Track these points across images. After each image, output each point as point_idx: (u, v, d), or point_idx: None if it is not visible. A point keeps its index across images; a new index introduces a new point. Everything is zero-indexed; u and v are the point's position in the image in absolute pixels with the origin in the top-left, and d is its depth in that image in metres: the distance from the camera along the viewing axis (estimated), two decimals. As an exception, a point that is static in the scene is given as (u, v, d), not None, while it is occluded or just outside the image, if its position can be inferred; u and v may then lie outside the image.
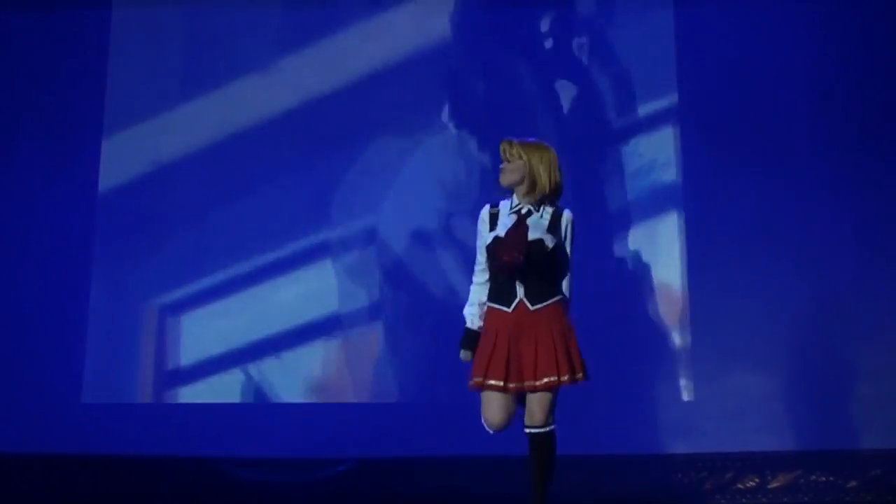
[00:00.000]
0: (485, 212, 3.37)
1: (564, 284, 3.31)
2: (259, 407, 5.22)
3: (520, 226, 3.25)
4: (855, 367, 4.93)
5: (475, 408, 3.23)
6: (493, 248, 3.24)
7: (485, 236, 3.30)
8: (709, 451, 4.87)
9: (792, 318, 5.00)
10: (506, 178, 3.32)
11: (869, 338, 4.96)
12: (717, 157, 5.23)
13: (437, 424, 4.88)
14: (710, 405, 4.92)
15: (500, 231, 3.26)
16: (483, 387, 3.19)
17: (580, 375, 3.19)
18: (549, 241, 3.24)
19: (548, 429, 3.22)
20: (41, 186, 5.48)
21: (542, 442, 3.21)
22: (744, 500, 4.83)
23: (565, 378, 3.15)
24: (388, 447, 4.97)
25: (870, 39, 5.29)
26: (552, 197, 3.33)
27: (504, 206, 3.35)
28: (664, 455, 4.91)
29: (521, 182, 3.29)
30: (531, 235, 3.22)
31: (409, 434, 4.99)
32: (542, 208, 3.31)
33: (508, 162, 3.31)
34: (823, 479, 4.80)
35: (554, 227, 3.28)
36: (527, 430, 3.22)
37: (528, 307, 3.21)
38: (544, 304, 3.22)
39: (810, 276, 5.05)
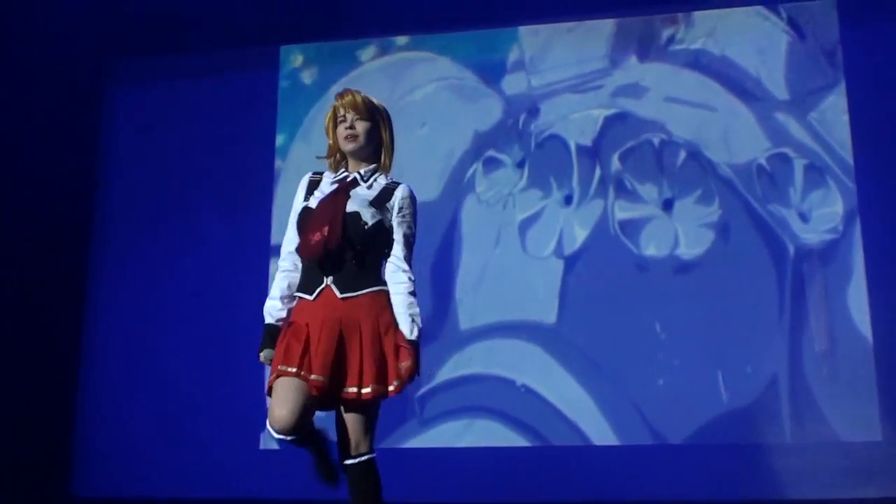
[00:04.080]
0: (305, 178, 2.89)
1: (391, 270, 2.78)
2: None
3: (338, 195, 2.76)
4: None
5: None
6: (301, 223, 2.75)
7: (296, 207, 2.80)
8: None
9: None
10: (356, 143, 2.81)
11: None
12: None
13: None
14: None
15: (313, 202, 2.77)
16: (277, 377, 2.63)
17: (390, 388, 2.66)
18: (369, 217, 2.74)
19: (371, 455, 2.72)
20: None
21: (365, 473, 2.70)
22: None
23: (391, 389, 2.66)
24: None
25: None
26: (387, 170, 2.88)
27: (329, 174, 2.89)
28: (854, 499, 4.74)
29: (367, 147, 2.83)
30: (349, 208, 2.73)
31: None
32: (372, 178, 2.84)
33: (361, 121, 2.81)
34: None
35: (381, 201, 2.79)
36: (347, 462, 2.70)
37: (335, 294, 2.69)
38: (359, 292, 2.70)
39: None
